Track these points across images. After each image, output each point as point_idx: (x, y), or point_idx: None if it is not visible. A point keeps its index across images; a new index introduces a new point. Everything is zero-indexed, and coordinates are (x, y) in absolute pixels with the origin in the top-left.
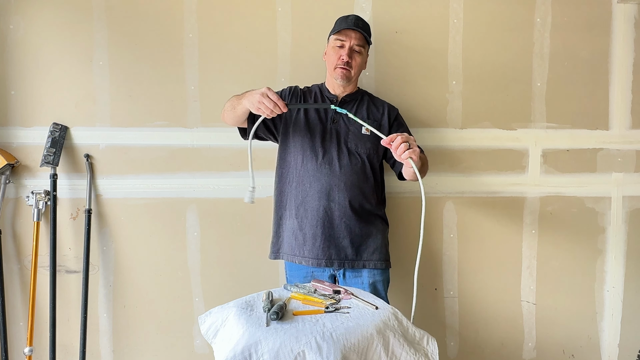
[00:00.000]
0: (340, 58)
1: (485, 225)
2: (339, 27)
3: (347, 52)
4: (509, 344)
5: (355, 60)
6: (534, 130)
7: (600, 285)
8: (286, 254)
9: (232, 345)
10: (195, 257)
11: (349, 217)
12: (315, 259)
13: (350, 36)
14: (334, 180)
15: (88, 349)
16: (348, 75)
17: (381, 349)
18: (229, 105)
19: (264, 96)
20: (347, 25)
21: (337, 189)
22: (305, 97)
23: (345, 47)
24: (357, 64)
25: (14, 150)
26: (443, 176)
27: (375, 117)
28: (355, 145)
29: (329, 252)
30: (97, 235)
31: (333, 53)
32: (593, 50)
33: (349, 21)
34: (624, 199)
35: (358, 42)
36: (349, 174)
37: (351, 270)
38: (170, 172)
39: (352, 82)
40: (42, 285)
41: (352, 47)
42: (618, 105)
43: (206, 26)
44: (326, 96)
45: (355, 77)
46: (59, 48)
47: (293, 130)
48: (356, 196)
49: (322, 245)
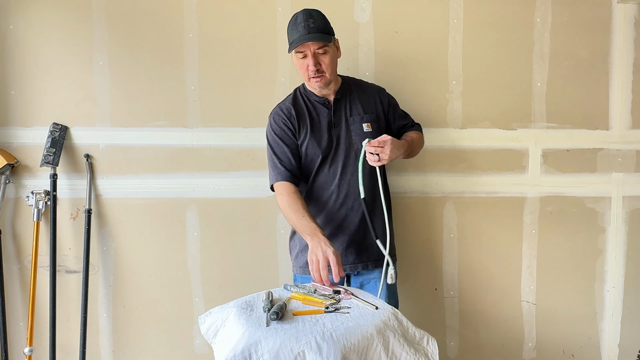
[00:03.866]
0: (308, 69)
1: (485, 225)
2: (292, 41)
3: (312, 61)
4: (509, 344)
5: (324, 62)
6: (534, 130)
7: (600, 285)
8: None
9: (232, 345)
10: (195, 257)
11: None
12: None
13: (307, 46)
14: (346, 187)
15: (88, 349)
16: (325, 81)
17: (381, 349)
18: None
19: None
20: (299, 36)
21: (353, 197)
22: (300, 116)
23: (308, 56)
24: (328, 64)
25: (14, 150)
26: (443, 176)
27: (371, 109)
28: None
29: (352, 257)
30: (97, 235)
31: (300, 66)
32: (593, 50)
33: (300, 29)
34: (624, 199)
35: (318, 45)
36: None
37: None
38: (170, 172)
39: (331, 82)
40: (42, 285)
41: (314, 53)
42: (618, 105)
43: (206, 26)
44: (315, 101)
45: (333, 75)
46: (59, 48)
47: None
48: (369, 199)
49: (346, 252)
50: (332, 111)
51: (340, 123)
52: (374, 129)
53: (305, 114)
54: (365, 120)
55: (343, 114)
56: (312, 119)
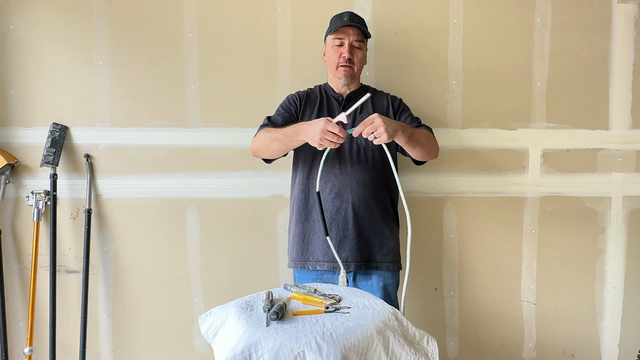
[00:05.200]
0: (342, 56)
1: (485, 225)
2: (335, 26)
3: (348, 49)
4: (509, 344)
5: (357, 56)
6: (534, 130)
7: (600, 285)
8: (295, 261)
9: (232, 345)
10: (195, 257)
11: (362, 217)
12: (330, 262)
13: (348, 33)
14: (345, 179)
15: (88, 349)
16: (351, 73)
17: (381, 349)
18: (270, 143)
19: (325, 132)
20: (343, 23)
21: (350, 189)
22: (310, 99)
23: (344, 44)
24: (359, 60)
25: (14, 150)
26: (443, 176)
27: (381, 111)
28: (364, 141)
29: (345, 254)
30: (97, 235)
31: (333, 52)
32: (593, 50)
33: (345, 18)
34: (624, 199)
35: (357, 37)
36: (360, 172)
37: (362, 273)
38: (170, 172)
39: (355, 79)
40: (42, 285)
41: (351, 43)
42: (618, 105)
43: (206, 26)
44: (331, 96)
45: (358, 73)
46: (59, 48)
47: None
48: (369, 195)
49: (338, 248)
50: (342, 106)
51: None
52: None
53: (317, 101)
54: None
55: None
56: (321, 107)
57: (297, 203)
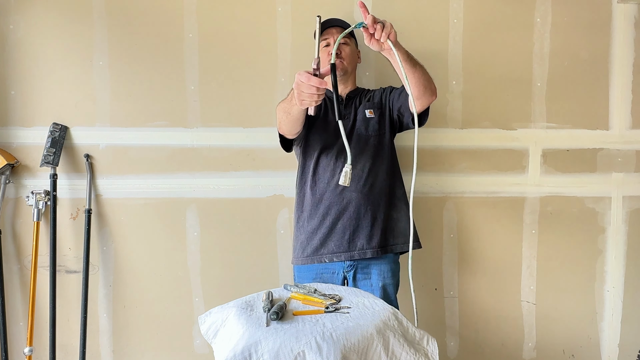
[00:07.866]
0: (329, 54)
1: (485, 225)
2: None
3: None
4: (509, 344)
5: (344, 50)
6: (534, 130)
7: (600, 285)
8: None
9: (232, 345)
10: (195, 257)
11: (372, 203)
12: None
13: (331, 32)
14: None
15: (88, 349)
16: (342, 67)
17: (381, 349)
18: (281, 114)
19: (299, 86)
20: (326, 25)
21: (357, 178)
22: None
23: (330, 44)
24: (347, 54)
25: (14, 150)
26: (443, 176)
27: (373, 100)
28: (365, 129)
29: (360, 242)
30: (97, 235)
31: (323, 54)
32: (593, 50)
33: (326, 23)
34: (624, 199)
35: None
36: (364, 160)
37: (361, 272)
38: (170, 172)
39: (349, 75)
40: (42, 285)
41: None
42: (618, 105)
43: (206, 26)
44: (331, 97)
45: (352, 70)
46: (59, 48)
47: (313, 132)
48: (375, 181)
49: (352, 237)
50: (343, 105)
51: (349, 116)
52: (376, 115)
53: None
54: (368, 107)
55: (352, 109)
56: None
57: (309, 200)
